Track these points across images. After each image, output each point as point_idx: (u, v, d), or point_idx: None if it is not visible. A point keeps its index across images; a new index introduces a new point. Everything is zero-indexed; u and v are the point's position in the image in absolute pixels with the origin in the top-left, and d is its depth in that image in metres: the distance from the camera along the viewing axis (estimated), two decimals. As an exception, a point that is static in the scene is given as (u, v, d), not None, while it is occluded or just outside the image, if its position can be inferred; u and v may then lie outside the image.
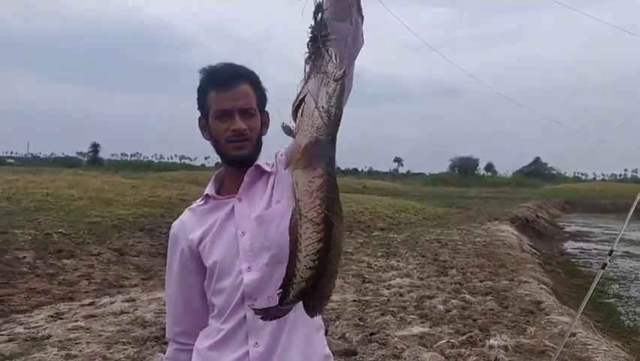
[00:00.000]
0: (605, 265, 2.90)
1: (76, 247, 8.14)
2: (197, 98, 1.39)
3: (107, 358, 3.91)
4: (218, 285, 1.35)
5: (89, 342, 4.25)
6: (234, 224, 1.35)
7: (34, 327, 4.65)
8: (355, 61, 1.28)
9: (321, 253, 1.06)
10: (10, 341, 4.24)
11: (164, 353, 1.55)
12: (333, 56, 1.07)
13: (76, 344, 4.20)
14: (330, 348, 4.18)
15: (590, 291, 2.46)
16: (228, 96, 1.32)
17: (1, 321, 4.84)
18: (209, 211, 1.41)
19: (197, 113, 1.41)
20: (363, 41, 1.25)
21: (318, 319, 1.41)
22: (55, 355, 3.91)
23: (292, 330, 1.32)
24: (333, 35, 1.09)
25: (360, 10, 1.20)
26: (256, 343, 1.29)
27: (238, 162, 1.37)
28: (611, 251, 3.07)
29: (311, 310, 1.14)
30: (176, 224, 1.46)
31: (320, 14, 1.09)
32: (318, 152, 1.04)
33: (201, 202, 1.44)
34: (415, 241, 11.64)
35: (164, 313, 1.81)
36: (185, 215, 1.46)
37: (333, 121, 1.05)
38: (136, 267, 7.48)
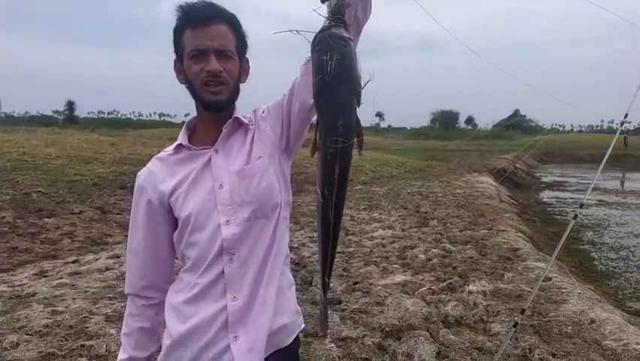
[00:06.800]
0: (576, 215, 3.00)
1: (57, 205, 8.06)
2: (173, 39, 1.31)
3: (93, 313, 3.94)
4: (192, 238, 1.30)
5: (74, 298, 4.27)
6: (211, 176, 1.31)
7: (18, 285, 4.64)
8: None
9: None
10: (-6, 299, 4.24)
11: None
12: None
13: (62, 300, 4.22)
14: (315, 298, 4.27)
15: (562, 240, 2.55)
16: (204, 35, 1.25)
17: (-16, 280, 4.82)
18: (183, 161, 1.34)
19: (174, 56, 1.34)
20: (370, 12, 1.21)
21: (289, 275, 1.42)
22: (41, 311, 3.92)
23: (268, 285, 1.32)
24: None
25: None
26: (234, 297, 1.28)
27: (214, 107, 1.31)
28: (582, 204, 3.17)
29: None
30: (142, 174, 1.38)
31: None
32: None
33: (172, 152, 1.37)
34: (397, 194, 11.78)
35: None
36: (153, 164, 1.38)
37: None
38: (118, 224, 7.45)
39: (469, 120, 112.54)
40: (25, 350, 3.27)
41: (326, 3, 1.10)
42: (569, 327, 3.84)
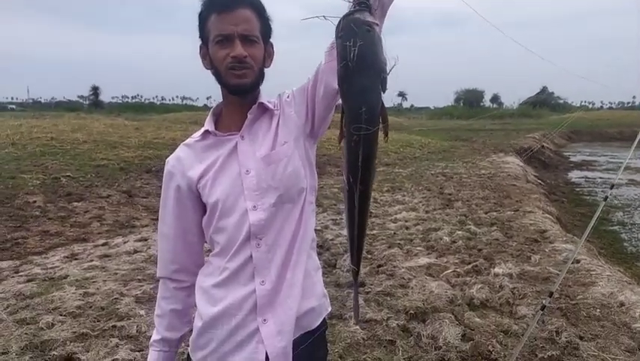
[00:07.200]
0: (606, 197, 2.91)
1: (86, 190, 8.25)
2: (198, 25, 1.32)
3: (124, 294, 4.05)
4: (220, 223, 1.32)
5: (105, 280, 4.39)
6: (238, 162, 1.32)
7: (50, 268, 4.79)
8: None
9: None
10: (29, 281, 4.38)
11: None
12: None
13: (93, 282, 4.34)
14: (339, 281, 4.28)
15: (591, 223, 2.49)
16: (229, 20, 1.25)
17: (18, 263, 4.98)
18: (210, 147, 1.36)
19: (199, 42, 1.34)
20: None
21: (315, 259, 1.43)
22: (73, 293, 4.04)
23: (295, 269, 1.33)
24: None
25: None
26: (262, 281, 1.30)
27: (239, 91, 1.32)
28: (613, 185, 3.08)
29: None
30: (171, 160, 1.40)
31: None
32: None
33: (199, 138, 1.38)
34: (420, 175, 11.69)
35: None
36: (182, 151, 1.39)
37: None
38: (145, 208, 7.59)
39: (495, 99, 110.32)
40: (60, 330, 3.38)
41: None
42: (598, 310, 3.79)
